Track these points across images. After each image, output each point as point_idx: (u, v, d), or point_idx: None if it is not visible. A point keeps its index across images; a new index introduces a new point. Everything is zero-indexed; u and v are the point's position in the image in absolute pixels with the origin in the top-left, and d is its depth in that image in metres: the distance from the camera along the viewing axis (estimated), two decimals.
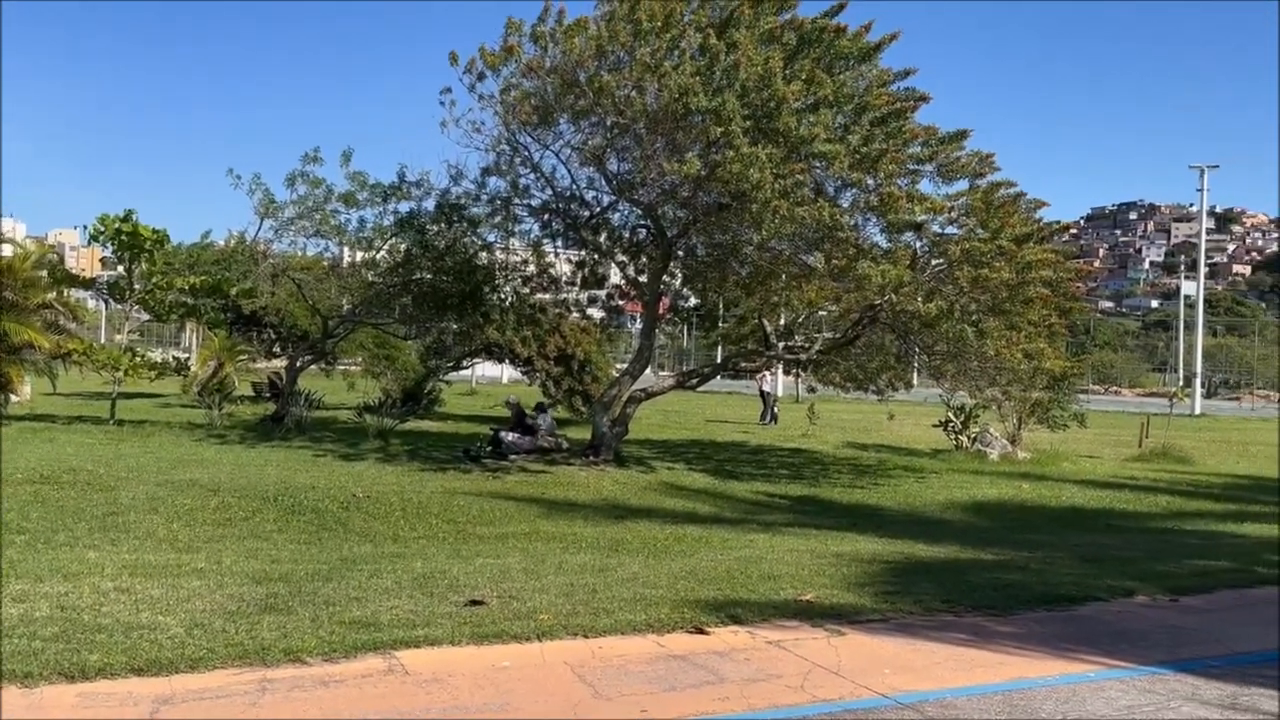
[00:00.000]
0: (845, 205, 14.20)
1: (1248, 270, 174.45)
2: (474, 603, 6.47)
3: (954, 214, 14.70)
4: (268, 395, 25.58)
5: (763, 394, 29.51)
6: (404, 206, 18.36)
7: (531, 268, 18.70)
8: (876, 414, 29.15)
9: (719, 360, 24.66)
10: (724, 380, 45.05)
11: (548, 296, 19.22)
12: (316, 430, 19.61)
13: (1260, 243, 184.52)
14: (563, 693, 4.96)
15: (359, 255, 20.40)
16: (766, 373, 27.89)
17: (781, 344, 18.45)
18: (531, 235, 18.46)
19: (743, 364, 19.86)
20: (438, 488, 13.52)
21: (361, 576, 7.38)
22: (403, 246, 18.77)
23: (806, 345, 18.34)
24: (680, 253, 17.83)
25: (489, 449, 16.63)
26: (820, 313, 20.02)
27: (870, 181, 13.67)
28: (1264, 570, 8.77)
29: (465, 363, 26.72)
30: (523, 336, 20.46)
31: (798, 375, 27.43)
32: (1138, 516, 14.32)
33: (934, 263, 15.22)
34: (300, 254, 21.41)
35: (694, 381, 19.31)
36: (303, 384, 23.62)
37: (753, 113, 13.13)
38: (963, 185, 14.87)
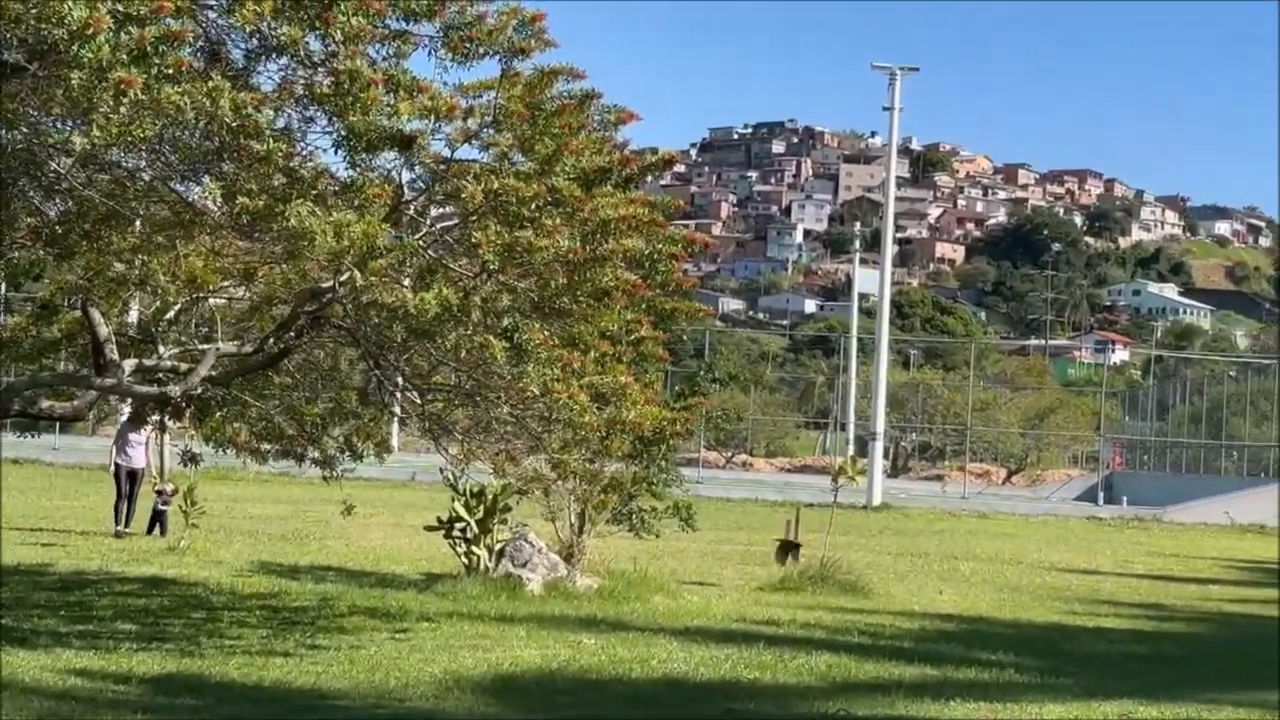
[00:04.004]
0: (266, 89, 14.27)
1: (960, 254, 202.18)
2: None
3: (473, 121, 15.23)
4: None
5: (120, 471, 28.54)
6: None
7: None
8: (323, 504, 29.60)
9: None
10: (10, 435, 43.59)
11: None
12: None
13: (980, 206, 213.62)
14: None
15: None
16: (139, 431, 27.64)
17: (131, 362, 18.03)
18: None
19: (45, 403, 19.09)
20: None
21: None
22: None
23: (182, 367, 18.08)
24: None
25: None
26: (214, 301, 19.90)
27: (315, 45, 13.80)
28: None
29: None
30: None
31: (162, 427, 27.29)
32: (779, 694, 15.65)
33: (434, 213, 15.65)
34: None
35: None
36: None
37: None
38: (491, 70, 15.47)
